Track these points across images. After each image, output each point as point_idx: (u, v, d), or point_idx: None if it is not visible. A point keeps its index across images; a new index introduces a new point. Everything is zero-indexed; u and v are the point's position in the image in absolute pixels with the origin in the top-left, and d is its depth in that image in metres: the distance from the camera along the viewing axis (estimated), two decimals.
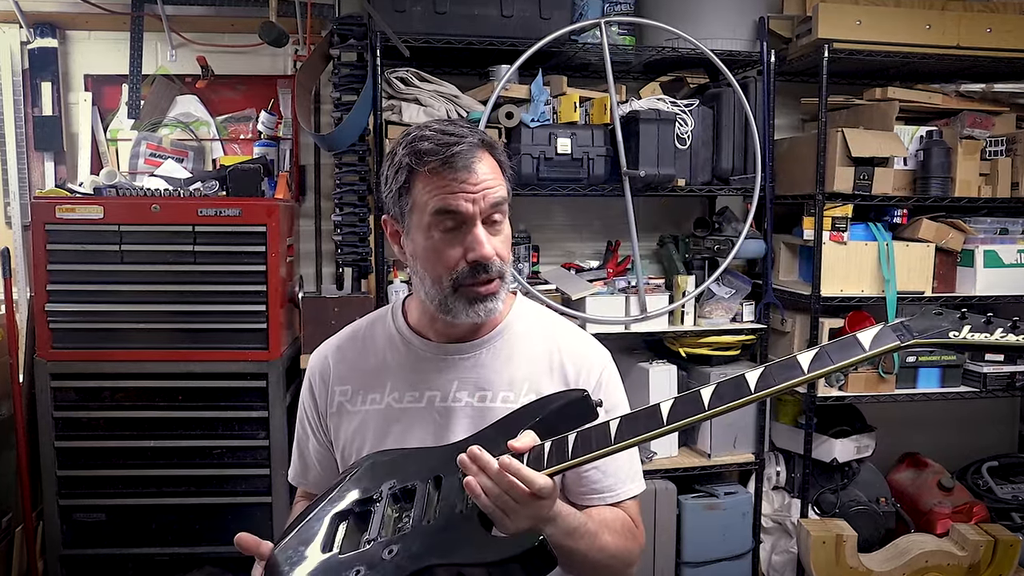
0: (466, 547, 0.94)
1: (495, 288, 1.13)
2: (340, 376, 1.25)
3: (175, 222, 2.37)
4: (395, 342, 1.23)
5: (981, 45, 2.77)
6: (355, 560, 0.98)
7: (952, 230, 2.85)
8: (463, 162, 1.08)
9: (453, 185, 1.07)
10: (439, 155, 1.07)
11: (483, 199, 1.09)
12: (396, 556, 0.95)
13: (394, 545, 0.97)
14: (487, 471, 0.94)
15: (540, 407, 1.07)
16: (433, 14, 2.53)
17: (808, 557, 2.70)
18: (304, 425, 1.31)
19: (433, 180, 1.08)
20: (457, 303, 1.12)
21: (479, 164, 1.09)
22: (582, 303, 2.70)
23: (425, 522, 0.99)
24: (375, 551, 0.97)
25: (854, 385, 2.85)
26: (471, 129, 1.13)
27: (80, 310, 2.38)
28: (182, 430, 2.44)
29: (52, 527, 2.43)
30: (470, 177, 1.08)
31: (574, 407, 1.06)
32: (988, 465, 3.19)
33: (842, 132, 2.71)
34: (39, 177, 2.84)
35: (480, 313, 1.13)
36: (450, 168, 1.07)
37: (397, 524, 1.01)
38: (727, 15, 2.77)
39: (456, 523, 0.97)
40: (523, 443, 0.98)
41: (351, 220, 2.71)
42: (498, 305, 1.14)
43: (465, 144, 1.08)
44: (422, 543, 0.96)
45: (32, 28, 2.76)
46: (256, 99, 2.92)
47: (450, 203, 1.08)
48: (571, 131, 2.61)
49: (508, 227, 1.15)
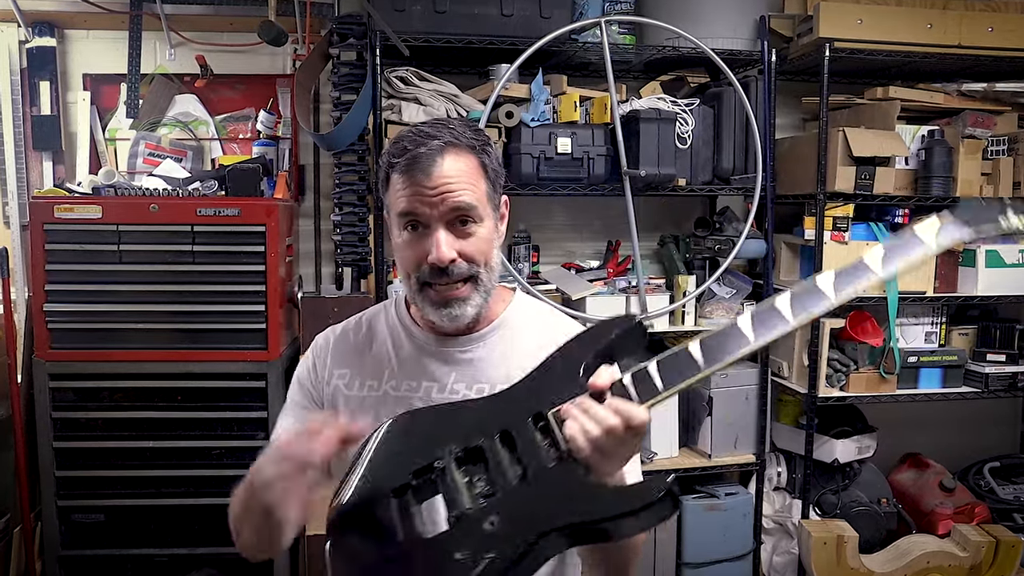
0: (586, 501, 0.87)
1: (463, 292, 1.12)
2: (339, 359, 1.25)
3: (174, 222, 2.36)
4: (397, 332, 1.24)
5: (983, 44, 2.76)
6: (461, 541, 0.87)
7: None
8: (422, 165, 1.07)
9: (412, 188, 1.08)
10: (405, 156, 1.08)
11: (441, 203, 1.08)
12: (503, 526, 0.86)
13: (493, 516, 0.88)
14: (590, 413, 0.90)
15: (594, 339, 1.01)
16: (433, 13, 2.52)
17: (809, 558, 2.69)
18: (299, 394, 1.27)
19: (400, 180, 1.10)
20: (425, 302, 1.13)
21: (440, 167, 1.08)
22: (582, 303, 2.69)
23: (516, 482, 0.90)
24: (473, 527, 0.88)
25: (855, 385, 2.84)
26: (452, 130, 1.11)
27: (78, 310, 2.37)
28: (181, 431, 2.44)
29: (50, 528, 2.42)
30: (427, 180, 1.07)
31: (631, 336, 1.00)
32: (990, 466, 3.18)
33: (843, 131, 2.70)
34: (37, 177, 2.82)
35: (446, 317, 1.13)
36: (411, 168, 1.08)
37: (472, 490, 0.92)
38: (728, 14, 2.76)
39: (555, 476, 0.89)
40: (604, 379, 0.93)
41: (350, 220, 2.70)
42: (468, 310, 1.13)
43: (431, 145, 1.08)
44: (530, 506, 0.87)
45: (30, 27, 2.75)
46: (255, 98, 2.90)
47: (409, 205, 1.09)
48: (571, 130, 2.60)
49: (487, 229, 1.13)
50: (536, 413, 0.96)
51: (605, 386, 0.92)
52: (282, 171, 2.86)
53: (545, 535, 0.85)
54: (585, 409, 0.91)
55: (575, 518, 0.86)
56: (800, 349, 2.85)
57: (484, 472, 0.93)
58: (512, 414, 0.96)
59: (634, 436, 0.90)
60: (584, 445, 0.89)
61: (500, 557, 0.85)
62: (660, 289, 2.81)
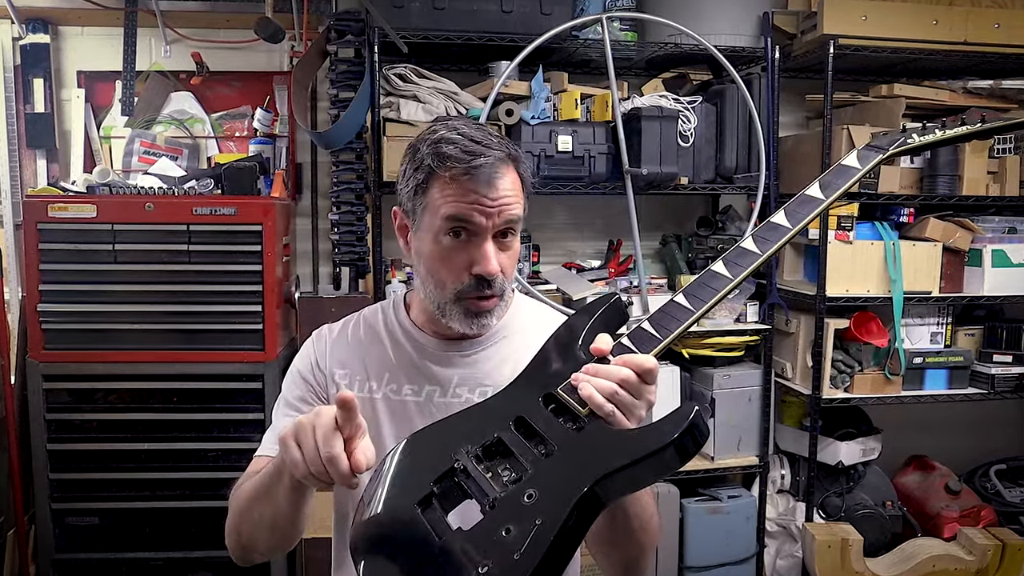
0: (617, 451, 0.86)
1: (493, 304, 1.13)
2: (339, 358, 1.23)
3: (169, 221, 2.34)
4: (396, 335, 1.23)
5: (989, 41, 2.74)
6: (502, 520, 0.84)
7: (959, 229, 2.81)
8: (486, 176, 1.06)
9: (471, 196, 1.06)
10: (463, 163, 1.06)
11: (498, 215, 1.08)
12: (542, 495, 0.85)
13: (529, 489, 0.86)
14: (601, 373, 0.92)
15: (582, 319, 1.04)
16: (432, 9, 2.51)
17: (813, 562, 2.68)
18: (302, 388, 1.24)
19: (452, 186, 1.07)
20: (455, 311, 1.12)
21: (502, 180, 1.08)
22: (583, 303, 2.66)
23: (544, 459, 0.89)
24: (511, 505, 0.85)
25: (860, 387, 2.82)
26: (499, 139, 1.12)
27: (73, 310, 2.34)
28: (176, 432, 2.41)
29: (44, 531, 2.40)
30: (490, 192, 1.07)
31: (614, 311, 1.05)
32: (996, 468, 3.16)
33: (847, 129, 2.68)
34: (31, 175, 2.80)
35: (474, 327, 1.13)
36: (471, 179, 1.06)
37: (500, 480, 0.90)
38: (730, 10, 2.75)
39: (583, 439, 0.89)
40: (603, 343, 0.96)
41: (348, 219, 2.67)
42: (493, 321, 1.15)
43: (491, 157, 1.07)
44: (562, 471, 0.86)
45: (24, 24, 2.72)
46: (252, 96, 2.88)
47: (465, 213, 1.07)
48: (572, 128, 2.58)
49: (518, 244, 1.15)
50: (546, 395, 0.97)
51: (607, 349, 0.96)
52: (279, 169, 2.84)
53: (594, 485, 0.84)
54: (596, 372, 0.93)
55: (617, 462, 0.84)
56: (804, 350, 2.82)
57: (507, 461, 0.92)
58: (522, 401, 0.96)
59: (648, 385, 0.92)
60: (603, 402, 0.90)
61: (548, 519, 0.83)
62: (662, 289, 2.80)
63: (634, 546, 1.09)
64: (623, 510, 1.05)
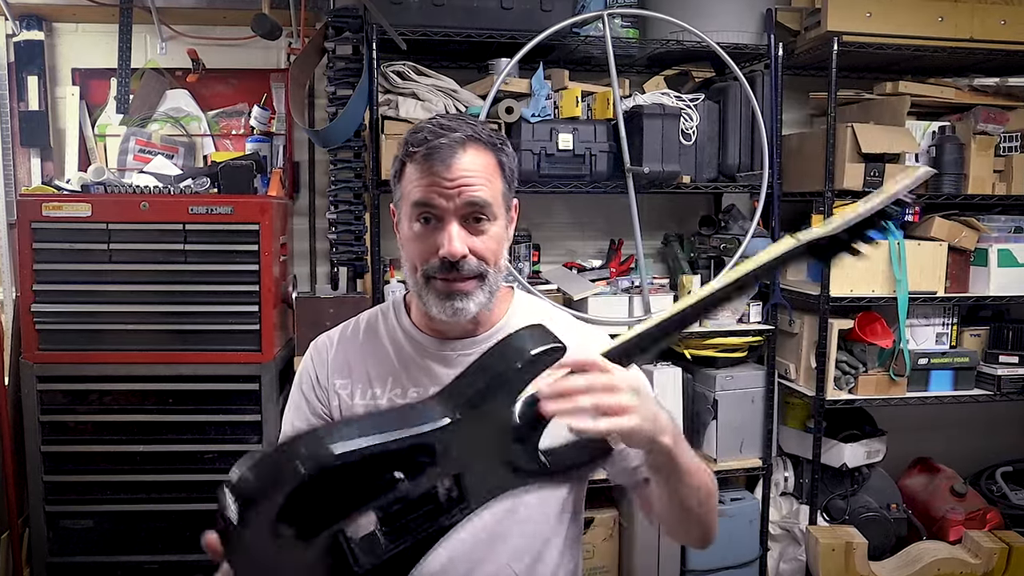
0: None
1: (468, 288, 1.11)
2: (339, 369, 1.24)
3: (165, 220, 2.32)
4: (398, 338, 1.23)
5: (995, 38, 2.71)
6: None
7: (965, 228, 2.78)
8: (442, 155, 1.07)
9: (429, 178, 1.09)
10: (424, 146, 1.09)
11: (458, 196, 1.08)
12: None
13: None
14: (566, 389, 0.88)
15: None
16: (431, 6, 2.48)
17: (817, 565, 2.65)
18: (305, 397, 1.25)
19: (416, 171, 1.10)
20: (430, 296, 1.12)
21: (460, 160, 1.08)
22: (584, 303, 2.64)
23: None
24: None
25: (864, 388, 2.79)
26: (472, 125, 1.12)
27: (67, 311, 2.32)
28: (172, 434, 2.39)
29: (38, 534, 2.38)
30: (446, 172, 1.07)
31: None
32: (1002, 470, 3.14)
33: (852, 128, 2.65)
34: (25, 174, 2.78)
35: (448, 310, 1.11)
36: (428, 160, 1.08)
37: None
38: (733, 7, 2.72)
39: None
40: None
41: (346, 218, 2.65)
42: (471, 306, 1.11)
43: (452, 137, 1.08)
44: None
45: (18, 20, 2.70)
46: (248, 93, 2.86)
47: (425, 196, 1.09)
48: (573, 126, 2.56)
49: (499, 228, 1.13)
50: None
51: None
52: (276, 168, 2.82)
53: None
54: (560, 389, 0.89)
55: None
56: (808, 350, 2.79)
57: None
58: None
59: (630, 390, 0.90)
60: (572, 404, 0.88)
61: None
62: (664, 289, 2.77)
63: (696, 523, 1.13)
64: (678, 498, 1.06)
